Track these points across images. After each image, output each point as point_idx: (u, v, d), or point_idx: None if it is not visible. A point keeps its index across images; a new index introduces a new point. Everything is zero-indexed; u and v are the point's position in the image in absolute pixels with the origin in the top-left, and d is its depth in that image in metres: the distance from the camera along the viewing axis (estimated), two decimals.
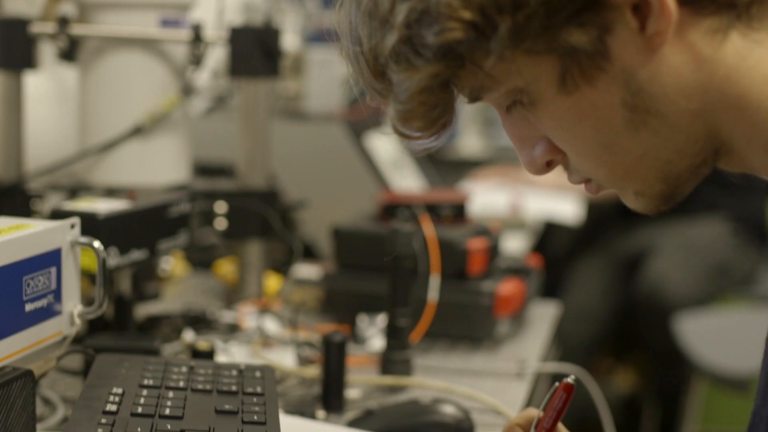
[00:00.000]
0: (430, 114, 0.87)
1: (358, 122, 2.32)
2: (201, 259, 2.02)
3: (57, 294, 1.15)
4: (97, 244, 1.19)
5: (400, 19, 0.83)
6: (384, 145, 2.38)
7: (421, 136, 0.89)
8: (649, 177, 0.87)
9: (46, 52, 1.77)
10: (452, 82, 0.86)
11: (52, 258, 1.14)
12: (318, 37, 2.58)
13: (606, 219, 3.42)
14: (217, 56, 1.96)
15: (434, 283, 1.59)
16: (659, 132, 0.84)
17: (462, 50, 0.82)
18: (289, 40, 2.27)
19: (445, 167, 3.36)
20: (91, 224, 1.30)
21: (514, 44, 0.81)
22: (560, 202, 2.99)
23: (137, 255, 1.42)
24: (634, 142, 0.84)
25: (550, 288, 2.62)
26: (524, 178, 3.17)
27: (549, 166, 0.91)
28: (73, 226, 1.18)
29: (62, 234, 1.16)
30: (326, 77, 2.39)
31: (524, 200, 2.82)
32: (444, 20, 0.81)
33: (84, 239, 1.18)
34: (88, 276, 1.31)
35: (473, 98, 0.88)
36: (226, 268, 1.91)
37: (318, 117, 2.35)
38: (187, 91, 1.70)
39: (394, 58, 0.85)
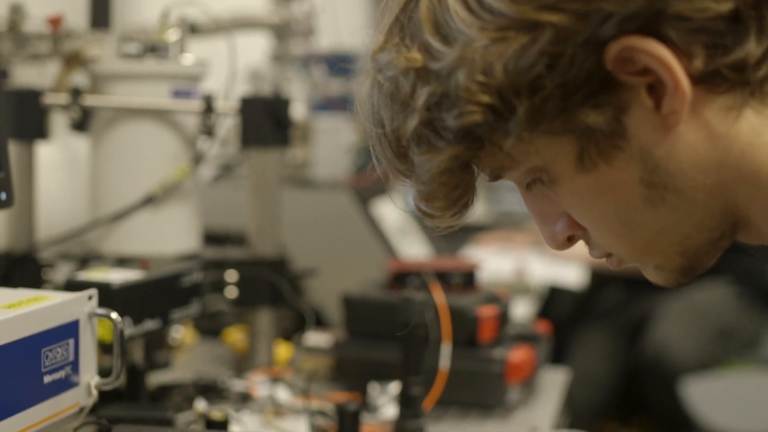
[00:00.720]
0: (452, 194, 0.89)
1: (365, 189, 2.34)
2: (209, 327, 2.02)
3: (75, 365, 1.16)
4: (114, 315, 1.20)
5: (420, 102, 0.85)
6: (390, 211, 2.39)
7: (443, 215, 0.91)
8: (668, 251, 0.88)
9: (58, 122, 1.79)
10: (473, 162, 0.88)
11: (70, 330, 1.15)
12: (324, 105, 2.61)
13: (609, 283, 3.42)
14: (224, 125, 1.98)
15: (446, 350, 1.60)
16: (677, 207, 0.85)
17: (481, 132, 0.84)
18: (296, 109, 2.30)
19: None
20: (105, 295, 1.31)
21: (532, 126, 0.83)
22: (564, 267, 3.00)
23: (150, 325, 1.42)
24: (653, 217, 0.86)
25: (555, 353, 2.63)
26: (526, 243, 3.19)
27: (570, 241, 0.93)
28: (90, 298, 1.19)
29: (80, 305, 1.17)
30: (333, 145, 2.41)
31: (528, 265, 2.83)
32: (463, 104, 0.83)
33: (101, 311, 1.19)
34: (100, 346, 1.31)
35: (494, 177, 0.90)
36: (235, 335, 1.91)
37: (325, 184, 2.37)
38: (199, 160, 1.71)
39: (415, 141, 0.87)
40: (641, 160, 0.84)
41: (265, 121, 1.73)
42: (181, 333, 1.91)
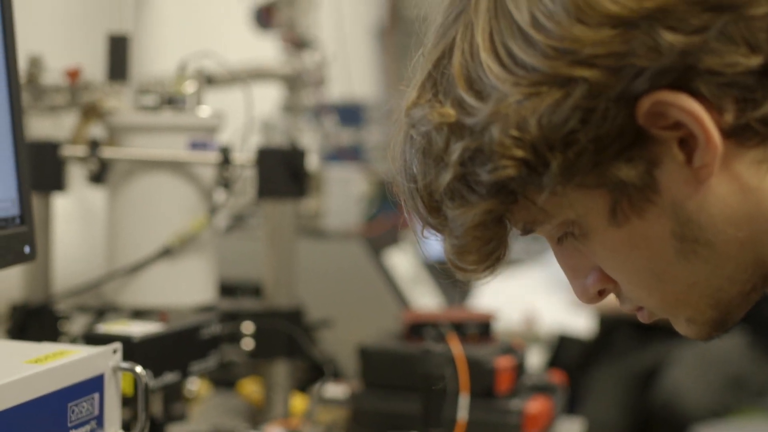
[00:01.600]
0: (485, 248, 0.89)
1: (377, 239, 2.34)
2: (223, 378, 2.01)
3: (99, 420, 1.15)
4: (139, 369, 1.19)
5: (454, 157, 0.86)
6: (402, 261, 2.40)
7: (476, 270, 0.91)
8: (700, 304, 0.89)
9: (73, 173, 1.80)
10: (505, 216, 0.88)
11: (95, 384, 1.15)
12: (335, 155, 2.62)
13: (619, 330, 3.41)
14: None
15: (463, 402, 1.60)
16: (709, 260, 0.86)
17: (515, 186, 0.85)
18: (308, 159, 2.30)
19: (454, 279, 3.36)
20: (126, 348, 1.30)
21: (565, 180, 0.83)
22: (573, 315, 3.00)
23: (170, 377, 1.42)
24: (685, 270, 0.86)
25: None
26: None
27: (601, 294, 0.93)
28: (115, 351, 1.19)
29: (105, 359, 1.17)
30: (344, 195, 2.42)
31: (538, 314, 2.83)
32: (497, 158, 0.83)
33: (126, 365, 1.19)
34: None
35: (526, 231, 0.90)
36: (250, 387, 1.91)
37: (337, 234, 2.37)
38: (215, 212, 1.72)
39: (449, 195, 0.87)
40: (673, 214, 0.85)
41: (282, 172, 1.74)
42: (197, 385, 1.91)
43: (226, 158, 1.69)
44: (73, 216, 1.88)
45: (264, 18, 2.47)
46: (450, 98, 0.87)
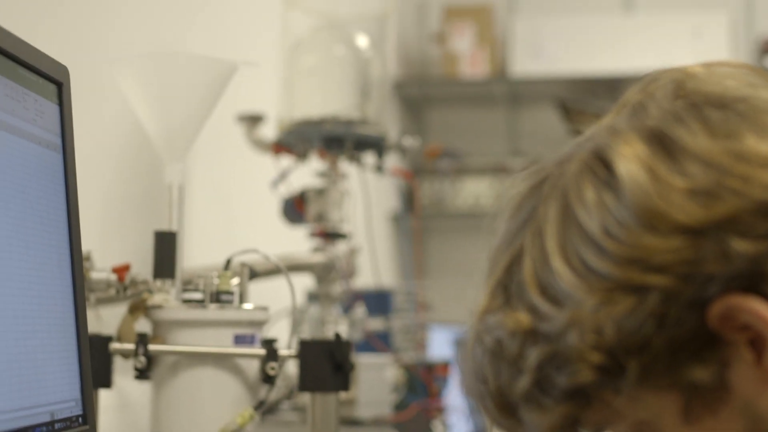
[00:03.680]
0: None
1: (408, 424, 2.35)
2: None
3: None
4: None
5: (531, 363, 0.89)
6: None
7: None
8: None
9: (115, 365, 1.82)
10: (578, 418, 0.91)
11: None
12: (365, 344, 2.64)
13: None
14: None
15: None
16: None
17: (590, 390, 0.88)
18: None
19: None
20: None
21: (640, 383, 0.86)
22: None
23: None
24: None
25: None
26: None
27: None
28: None
29: None
30: (376, 383, 2.43)
31: None
32: (574, 363, 0.86)
33: None
34: None
35: (596, 431, 0.92)
36: None
37: (369, 422, 2.38)
38: (261, 406, 1.73)
39: (524, 399, 0.90)
40: (744, 412, 0.87)
41: (326, 365, 1.76)
42: None
43: (271, 352, 1.72)
44: (114, 408, 1.89)
45: (294, 212, 2.53)
46: (523, 304, 0.91)
